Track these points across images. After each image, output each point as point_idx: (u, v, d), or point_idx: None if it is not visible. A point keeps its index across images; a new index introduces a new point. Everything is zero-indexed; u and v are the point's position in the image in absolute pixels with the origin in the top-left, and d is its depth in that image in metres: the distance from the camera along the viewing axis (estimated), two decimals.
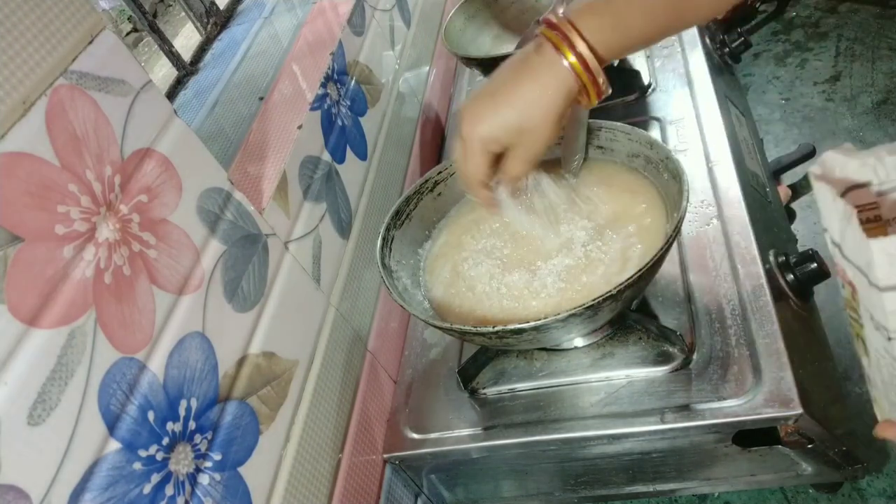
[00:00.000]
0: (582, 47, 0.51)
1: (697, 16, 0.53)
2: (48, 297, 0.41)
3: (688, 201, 0.58)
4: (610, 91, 0.55)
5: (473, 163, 0.58)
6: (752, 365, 0.62)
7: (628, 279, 0.54)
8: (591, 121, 0.71)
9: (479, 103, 0.56)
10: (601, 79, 0.53)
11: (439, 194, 0.78)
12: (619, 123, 0.70)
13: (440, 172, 0.77)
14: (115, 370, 0.45)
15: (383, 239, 0.71)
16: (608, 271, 0.63)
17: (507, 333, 0.57)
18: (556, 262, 0.66)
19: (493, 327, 0.56)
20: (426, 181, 0.77)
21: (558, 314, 0.54)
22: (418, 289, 0.72)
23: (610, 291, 0.54)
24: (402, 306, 0.64)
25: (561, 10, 0.54)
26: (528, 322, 0.55)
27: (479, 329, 0.58)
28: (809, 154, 1.29)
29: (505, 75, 0.56)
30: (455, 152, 0.60)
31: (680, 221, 0.57)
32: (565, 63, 0.52)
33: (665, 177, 0.65)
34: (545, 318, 0.55)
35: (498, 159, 0.59)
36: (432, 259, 0.75)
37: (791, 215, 1.12)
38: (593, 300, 0.54)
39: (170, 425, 0.48)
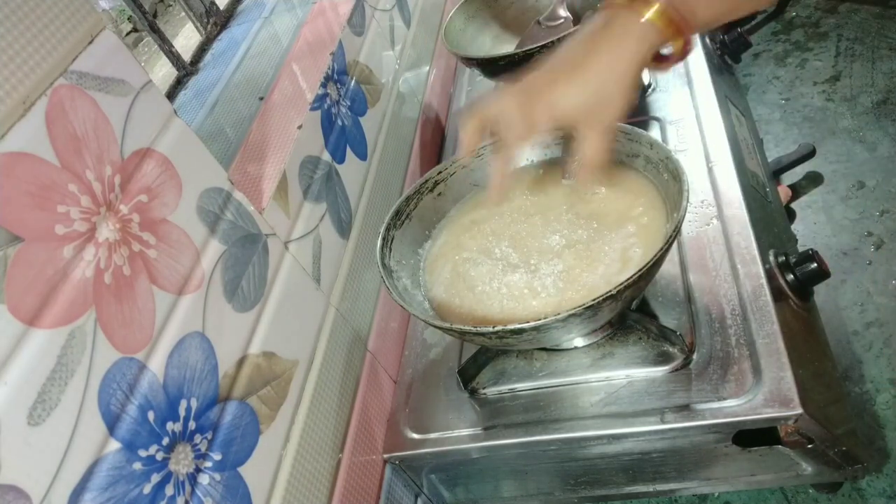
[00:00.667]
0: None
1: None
2: (48, 297, 0.41)
3: (688, 201, 0.58)
4: (695, 44, 0.53)
5: (525, 128, 0.54)
6: (752, 365, 0.62)
7: (628, 279, 0.54)
8: None
9: (548, 75, 0.53)
10: (685, 16, 0.50)
11: (439, 194, 0.78)
12: (618, 123, 0.70)
13: (440, 172, 0.77)
14: (115, 370, 0.45)
15: (383, 239, 0.71)
16: (608, 271, 0.63)
17: (507, 333, 0.57)
18: (556, 262, 0.66)
19: (493, 327, 0.56)
20: (426, 181, 0.77)
21: (558, 314, 0.54)
22: (418, 289, 0.72)
23: (610, 291, 0.54)
24: (402, 306, 0.64)
25: (561, 10, 0.53)
26: (528, 322, 0.55)
27: (479, 329, 0.58)
28: (809, 154, 1.29)
29: (574, 50, 0.53)
30: (501, 106, 0.55)
31: (680, 221, 0.57)
32: (644, 19, 0.50)
33: (665, 177, 0.65)
34: (545, 318, 0.55)
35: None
36: (432, 259, 0.75)
37: (791, 215, 1.12)
38: (593, 300, 0.54)
39: (170, 425, 0.48)
